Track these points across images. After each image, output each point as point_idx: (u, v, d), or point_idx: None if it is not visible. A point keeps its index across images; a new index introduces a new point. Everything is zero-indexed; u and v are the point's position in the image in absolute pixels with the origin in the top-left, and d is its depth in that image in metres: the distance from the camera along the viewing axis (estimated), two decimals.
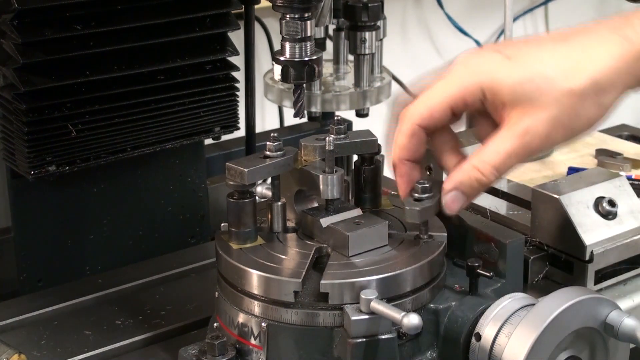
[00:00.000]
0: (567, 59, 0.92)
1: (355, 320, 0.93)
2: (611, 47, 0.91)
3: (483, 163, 0.95)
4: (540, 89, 0.91)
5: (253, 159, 1.04)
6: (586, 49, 0.92)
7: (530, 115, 0.91)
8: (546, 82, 0.91)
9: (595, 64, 0.91)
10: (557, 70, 0.91)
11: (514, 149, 0.93)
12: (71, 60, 1.19)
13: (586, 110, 0.91)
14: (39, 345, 1.13)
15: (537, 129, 0.92)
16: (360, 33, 1.49)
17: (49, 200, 1.30)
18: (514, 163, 0.94)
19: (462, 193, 0.97)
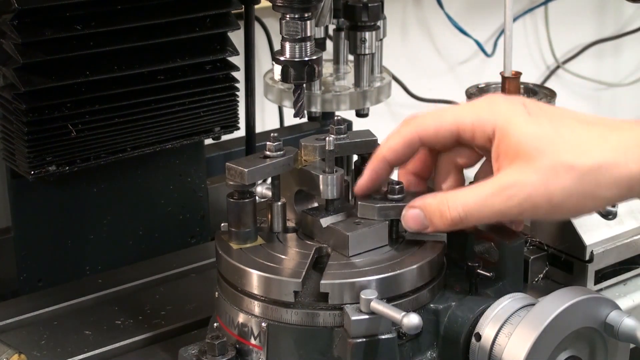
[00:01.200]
0: (582, 139, 0.90)
1: (355, 320, 0.93)
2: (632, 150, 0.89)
3: (454, 200, 0.94)
4: (543, 151, 0.90)
5: (253, 159, 1.04)
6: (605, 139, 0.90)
7: (522, 173, 0.90)
8: (551, 147, 0.90)
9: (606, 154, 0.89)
10: (566, 143, 0.90)
11: (492, 198, 0.91)
12: (71, 60, 1.19)
13: (577, 192, 0.89)
14: (39, 345, 1.13)
15: (522, 187, 0.90)
16: (360, 33, 1.49)
17: (49, 200, 1.30)
18: (488, 214, 0.92)
19: (424, 217, 0.96)
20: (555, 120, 0.92)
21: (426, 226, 0.96)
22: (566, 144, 0.90)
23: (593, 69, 2.40)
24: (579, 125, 0.92)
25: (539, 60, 2.33)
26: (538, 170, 0.89)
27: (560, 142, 0.90)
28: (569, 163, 0.89)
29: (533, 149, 0.90)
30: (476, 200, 0.92)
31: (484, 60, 2.19)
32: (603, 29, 2.40)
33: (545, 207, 0.90)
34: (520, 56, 2.21)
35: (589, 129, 0.91)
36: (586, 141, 0.90)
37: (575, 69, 2.35)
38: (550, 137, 0.90)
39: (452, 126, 0.96)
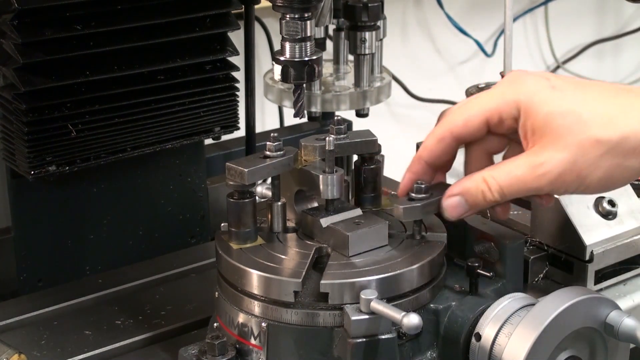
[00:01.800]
0: (607, 110, 0.91)
1: (355, 320, 0.93)
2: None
3: (492, 179, 0.95)
4: (570, 128, 0.90)
5: (253, 159, 1.04)
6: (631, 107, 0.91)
7: (551, 151, 0.91)
8: (578, 123, 0.90)
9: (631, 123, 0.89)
10: (592, 116, 0.90)
11: (524, 177, 0.92)
12: (71, 60, 1.19)
13: (606, 165, 0.90)
14: (39, 345, 1.13)
15: (552, 166, 0.91)
16: (360, 33, 1.49)
17: (49, 200, 1.30)
18: (521, 191, 0.94)
19: (466, 201, 0.97)
20: (580, 92, 0.92)
21: (467, 210, 0.97)
22: (592, 117, 0.90)
23: (593, 69, 2.40)
24: (604, 95, 0.92)
25: (539, 60, 2.33)
26: (566, 147, 0.90)
27: (586, 116, 0.90)
28: (596, 137, 0.89)
29: (560, 126, 0.91)
30: (512, 179, 0.93)
31: (484, 60, 2.19)
32: (603, 29, 2.40)
33: (575, 183, 0.91)
34: (520, 56, 2.22)
35: (615, 98, 0.92)
36: (611, 112, 0.90)
37: (575, 69, 2.35)
38: (575, 111, 0.91)
39: (480, 116, 0.97)
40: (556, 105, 0.92)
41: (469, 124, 0.97)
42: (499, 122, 0.96)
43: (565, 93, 0.92)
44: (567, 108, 0.91)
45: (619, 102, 0.91)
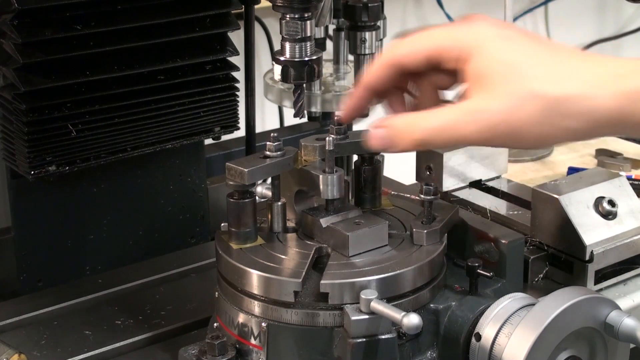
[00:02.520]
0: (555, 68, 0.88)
1: (355, 320, 0.93)
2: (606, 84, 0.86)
3: (420, 122, 0.92)
4: (510, 78, 0.88)
5: (253, 159, 1.04)
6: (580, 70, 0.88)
7: (487, 99, 0.88)
8: (519, 75, 0.88)
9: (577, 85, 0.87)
10: (536, 71, 0.88)
11: (454, 123, 0.89)
12: (71, 60, 1.19)
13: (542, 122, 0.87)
14: (39, 345, 1.13)
15: (485, 114, 0.88)
16: (360, 33, 1.49)
17: (49, 200, 1.30)
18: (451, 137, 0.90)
19: (390, 136, 0.94)
20: (532, 47, 0.90)
21: (390, 147, 0.94)
22: (536, 72, 0.87)
23: None
24: (557, 54, 0.89)
25: None
26: (502, 96, 0.87)
27: (530, 69, 0.88)
28: (535, 91, 0.86)
29: (500, 74, 0.88)
30: (440, 124, 0.90)
31: None
32: (603, 29, 2.40)
33: (508, 136, 0.88)
34: None
35: (567, 59, 0.89)
36: (560, 70, 0.88)
37: None
38: (520, 63, 0.88)
39: (423, 51, 0.94)
40: (501, 54, 0.89)
41: (412, 56, 0.95)
42: (442, 60, 0.93)
43: (515, 44, 0.90)
44: (512, 58, 0.89)
45: (570, 63, 0.88)
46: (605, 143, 1.61)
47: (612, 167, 1.50)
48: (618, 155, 1.56)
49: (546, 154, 1.57)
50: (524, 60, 0.89)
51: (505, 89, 0.88)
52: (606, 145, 1.60)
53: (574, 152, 1.58)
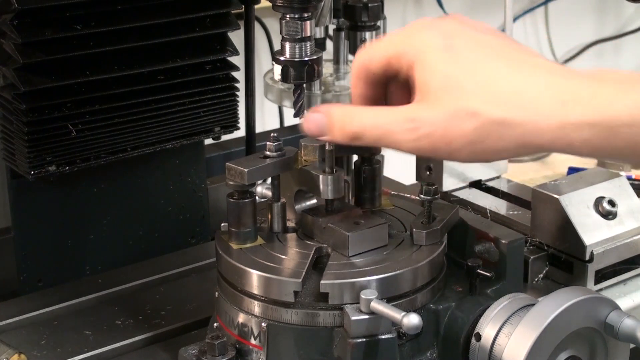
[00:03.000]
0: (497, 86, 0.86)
1: (355, 320, 0.93)
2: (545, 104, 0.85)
3: (358, 116, 0.92)
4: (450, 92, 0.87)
5: (253, 159, 1.04)
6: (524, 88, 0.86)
7: (426, 111, 0.88)
8: (459, 90, 0.86)
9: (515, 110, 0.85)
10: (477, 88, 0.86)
11: (392, 126, 0.89)
12: (71, 60, 1.19)
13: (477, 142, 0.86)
14: (39, 345, 1.13)
15: (423, 125, 0.87)
16: (360, 33, 1.49)
17: (49, 200, 1.30)
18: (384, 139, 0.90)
19: (325, 123, 0.94)
20: (476, 63, 0.88)
21: (324, 134, 0.94)
22: (477, 90, 0.86)
23: None
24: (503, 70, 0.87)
25: None
26: (442, 111, 0.87)
27: (471, 85, 0.86)
28: (474, 109, 0.85)
29: (440, 87, 0.87)
30: (378, 123, 0.90)
31: None
32: (603, 29, 2.40)
33: (443, 149, 0.88)
34: None
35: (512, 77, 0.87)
36: (502, 91, 0.86)
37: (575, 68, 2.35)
38: (461, 78, 0.87)
39: (381, 60, 0.94)
40: (442, 68, 0.88)
41: (372, 67, 0.95)
42: (398, 67, 0.92)
43: (459, 56, 0.88)
44: (452, 73, 0.87)
45: (514, 83, 0.86)
46: None
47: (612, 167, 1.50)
48: None
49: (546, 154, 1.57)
50: (466, 76, 0.87)
51: (444, 102, 0.87)
52: None
53: None
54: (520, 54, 0.89)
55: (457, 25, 0.92)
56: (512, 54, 0.89)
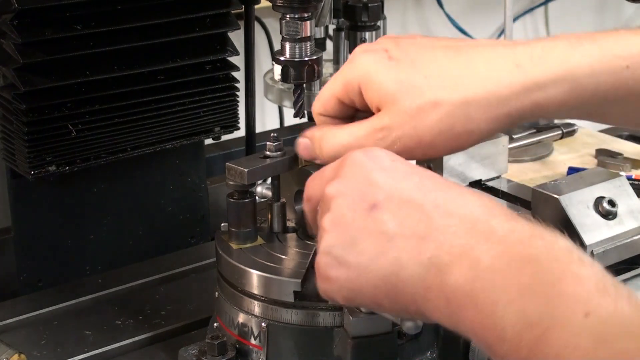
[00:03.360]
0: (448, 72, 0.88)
1: (355, 320, 0.93)
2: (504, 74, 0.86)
3: (333, 136, 0.93)
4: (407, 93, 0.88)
5: (253, 159, 1.04)
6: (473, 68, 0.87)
7: (390, 117, 0.89)
8: (414, 87, 0.88)
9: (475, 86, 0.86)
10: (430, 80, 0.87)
11: (364, 139, 0.90)
12: (71, 60, 1.19)
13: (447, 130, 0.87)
14: (39, 345, 1.13)
15: (391, 130, 0.88)
16: (360, 33, 1.49)
17: (49, 200, 1.30)
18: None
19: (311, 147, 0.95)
20: (420, 60, 0.89)
21: (314, 156, 0.96)
22: (431, 82, 0.87)
23: None
24: (446, 58, 0.89)
25: None
26: (403, 112, 0.88)
27: (423, 81, 0.87)
28: (433, 100, 0.86)
29: (396, 92, 0.88)
30: (351, 141, 0.91)
31: None
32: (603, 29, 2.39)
33: (417, 148, 0.88)
34: None
35: (457, 60, 0.88)
36: (454, 75, 0.87)
37: None
38: (412, 78, 0.88)
39: (332, 98, 0.95)
40: (391, 75, 0.89)
41: (327, 107, 0.96)
42: (349, 100, 0.94)
43: (402, 63, 0.89)
44: (403, 76, 0.88)
45: (463, 63, 0.88)
46: (605, 143, 1.61)
47: (612, 167, 1.50)
48: (618, 155, 1.55)
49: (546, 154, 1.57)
50: (415, 74, 0.88)
51: (404, 104, 0.88)
52: (606, 145, 1.60)
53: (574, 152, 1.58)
54: (457, 41, 0.91)
55: (390, 40, 0.93)
56: (450, 43, 0.91)
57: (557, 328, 0.68)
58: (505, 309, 0.71)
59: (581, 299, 0.70)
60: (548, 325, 0.69)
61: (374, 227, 0.80)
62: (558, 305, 0.69)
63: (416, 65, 0.89)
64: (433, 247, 0.77)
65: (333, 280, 0.82)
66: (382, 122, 0.89)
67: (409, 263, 0.78)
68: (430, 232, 0.78)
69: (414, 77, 0.88)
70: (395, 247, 0.79)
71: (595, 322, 0.68)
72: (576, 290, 0.70)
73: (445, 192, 0.81)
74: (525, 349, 0.70)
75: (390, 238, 0.79)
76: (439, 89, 0.87)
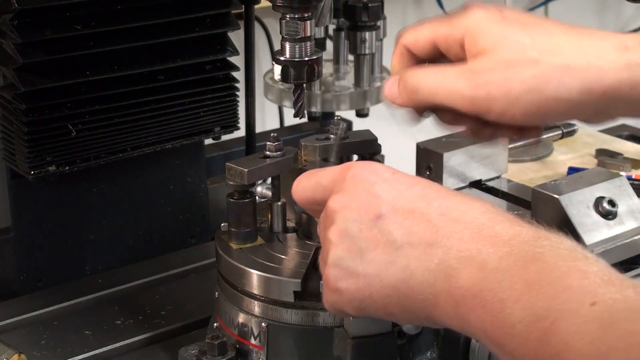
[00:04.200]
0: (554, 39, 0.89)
1: (355, 320, 0.93)
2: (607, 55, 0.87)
3: (417, 71, 0.93)
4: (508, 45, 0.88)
5: (253, 159, 1.04)
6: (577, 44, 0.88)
7: (486, 62, 0.89)
8: (518, 43, 0.88)
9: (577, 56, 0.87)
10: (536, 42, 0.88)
11: (448, 77, 0.90)
12: (71, 60, 1.19)
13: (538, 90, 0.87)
14: (39, 345, 1.13)
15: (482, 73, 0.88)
16: (360, 33, 1.49)
17: (49, 200, 1.30)
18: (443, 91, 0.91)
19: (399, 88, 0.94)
20: (531, 25, 0.90)
21: (395, 95, 0.95)
22: (535, 42, 0.88)
23: None
24: (557, 29, 0.90)
25: None
26: (501, 60, 0.88)
27: (528, 40, 0.88)
28: (534, 57, 0.87)
29: (499, 43, 0.89)
30: (435, 74, 0.92)
31: None
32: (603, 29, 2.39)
33: (500, 99, 0.88)
34: None
35: (567, 33, 0.89)
36: (560, 42, 0.88)
37: None
38: (518, 38, 0.89)
39: (428, 38, 0.95)
40: (500, 28, 0.90)
41: (419, 44, 0.96)
42: (447, 47, 0.94)
43: (515, 23, 0.90)
44: (509, 31, 0.89)
45: (570, 37, 0.89)
46: (605, 143, 1.61)
47: (612, 167, 1.50)
48: (618, 155, 1.55)
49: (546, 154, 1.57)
50: (522, 34, 0.89)
51: (503, 53, 0.88)
52: (606, 145, 1.60)
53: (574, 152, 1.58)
54: (564, 24, 0.92)
55: (505, 7, 0.94)
56: (557, 23, 0.92)
57: (565, 319, 0.69)
58: (512, 306, 0.72)
59: (587, 290, 0.70)
60: (555, 317, 0.69)
61: (381, 237, 0.81)
62: (564, 299, 0.70)
63: (526, 28, 0.89)
64: (441, 253, 0.78)
65: (343, 291, 0.83)
66: (474, 66, 0.89)
67: (417, 270, 0.79)
68: (437, 238, 0.79)
69: (521, 36, 0.89)
70: (403, 256, 0.80)
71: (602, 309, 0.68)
72: (582, 284, 0.70)
73: (448, 200, 0.81)
74: (534, 342, 0.70)
75: (398, 247, 0.80)
76: (542, 51, 0.87)
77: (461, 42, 0.92)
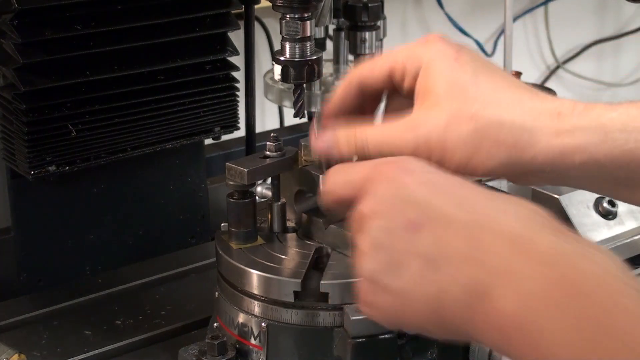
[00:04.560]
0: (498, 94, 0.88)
1: (355, 320, 0.93)
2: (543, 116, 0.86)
3: (363, 134, 0.91)
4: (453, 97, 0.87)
5: (253, 159, 1.04)
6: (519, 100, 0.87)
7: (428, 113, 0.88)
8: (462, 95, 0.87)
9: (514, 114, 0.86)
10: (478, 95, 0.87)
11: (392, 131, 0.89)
12: (71, 60, 1.19)
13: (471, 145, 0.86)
14: (39, 345, 1.13)
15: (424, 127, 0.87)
16: (360, 33, 1.49)
17: (49, 200, 1.30)
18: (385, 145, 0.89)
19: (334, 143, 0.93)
20: (481, 73, 0.89)
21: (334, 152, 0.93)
22: (480, 95, 0.87)
23: (593, 69, 2.40)
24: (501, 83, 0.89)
25: (539, 60, 2.33)
26: (442, 113, 0.87)
27: (473, 92, 0.87)
28: (472, 112, 0.86)
29: (444, 92, 0.88)
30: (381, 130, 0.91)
31: None
32: (603, 29, 2.40)
33: (437, 152, 0.87)
34: (520, 56, 2.21)
35: (512, 90, 0.88)
36: (501, 98, 0.87)
37: (575, 69, 2.35)
38: (465, 85, 0.88)
39: (385, 65, 0.94)
40: (449, 74, 0.89)
41: (374, 73, 0.95)
42: (402, 76, 0.93)
43: (466, 68, 0.89)
44: (459, 80, 0.88)
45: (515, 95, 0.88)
46: None
47: None
48: None
49: None
50: (470, 84, 0.88)
51: (446, 106, 0.87)
52: None
53: None
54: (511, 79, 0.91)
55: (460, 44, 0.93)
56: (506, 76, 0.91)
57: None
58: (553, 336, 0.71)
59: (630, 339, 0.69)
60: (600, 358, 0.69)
61: (414, 250, 0.78)
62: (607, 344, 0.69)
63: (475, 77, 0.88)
64: (475, 270, 0.75)
65: (376, 307, 0.81)
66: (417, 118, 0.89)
67: (450, 287, 0.76)
68: (472, 252, 0.76)
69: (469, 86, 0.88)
70: (436, 271, 0.77)
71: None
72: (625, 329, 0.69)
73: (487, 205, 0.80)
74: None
75: (430, 260, 0.77)
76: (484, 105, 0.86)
77: (416, 75, 0.91)
